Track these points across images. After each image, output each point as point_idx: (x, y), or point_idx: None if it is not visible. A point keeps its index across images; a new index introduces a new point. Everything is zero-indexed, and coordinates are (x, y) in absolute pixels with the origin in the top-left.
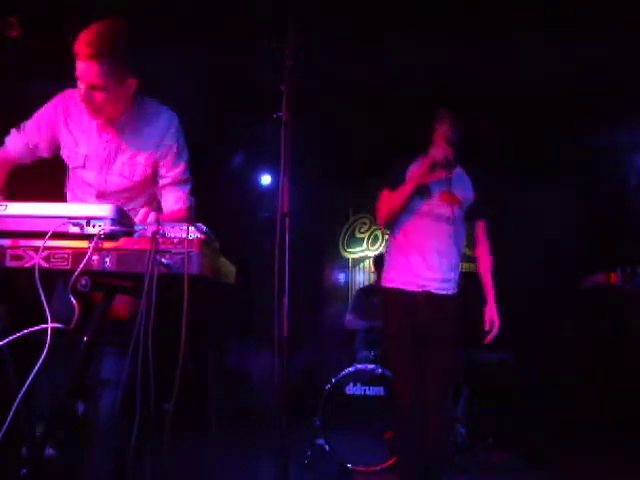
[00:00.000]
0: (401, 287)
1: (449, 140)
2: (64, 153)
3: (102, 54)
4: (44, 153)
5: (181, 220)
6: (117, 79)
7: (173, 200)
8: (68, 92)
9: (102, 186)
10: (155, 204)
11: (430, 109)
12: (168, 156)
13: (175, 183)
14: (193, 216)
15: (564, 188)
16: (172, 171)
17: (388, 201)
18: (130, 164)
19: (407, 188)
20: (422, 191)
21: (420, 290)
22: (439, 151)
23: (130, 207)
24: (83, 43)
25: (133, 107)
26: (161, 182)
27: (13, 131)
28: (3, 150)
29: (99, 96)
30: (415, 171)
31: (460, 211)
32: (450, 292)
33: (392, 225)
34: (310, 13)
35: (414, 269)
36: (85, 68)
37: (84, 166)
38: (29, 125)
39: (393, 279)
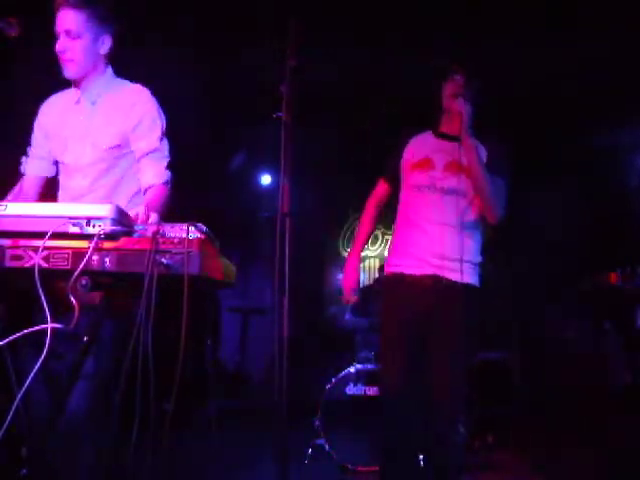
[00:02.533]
0: (402, 271)
1: (465, 96)
2: (51, 144)
3: (81, 3)
4: (55, 152)
5: (163, 196)
6: (93, 30)
7: (151, 174)
8: (50, 98)
9: (77, 161)
10: (126, 185)
11: (430, 109)
12: (140, 126)
13: (152, 152)
14: (170, 190)
15: (566, 188)
16: (148, 141)
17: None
18: (100, 132)
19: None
20: (421, 164)
21: (423, 274)
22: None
23: (101, 184)
24: None
25: (106, 77)
26: (138, 153)
27: (24, 158)
28: (27, 180)
29: (74, 44)
30: None
31: (469, 182)
32: (461, 280)
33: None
34: (312, 13)
35: (416, 248)
36: (63, 16)
37: (66, 148)
38: (33, 144)
39: (393, 263)
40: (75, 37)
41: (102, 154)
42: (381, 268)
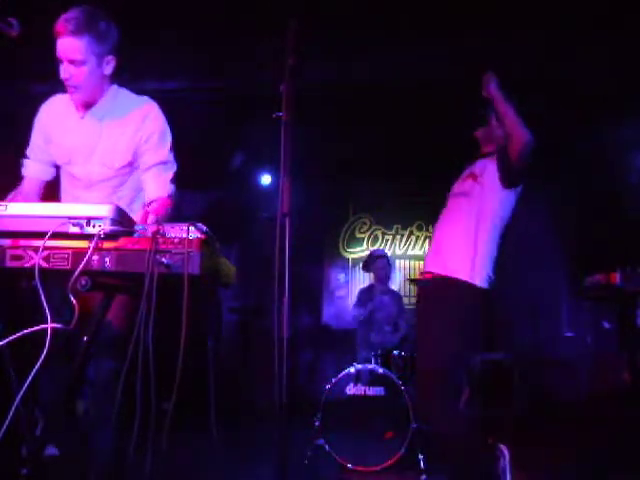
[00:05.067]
0: None
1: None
2: (52, 150)
3: (81, 29)
4: (57, 159)
5: (166, 208)
6: (97, 54)
7: (155, 186)
8: (51, 99)
9: (87, 177)
10: (142, 194)
11: (429, 109)
12: (150, 140)
13: (159, 164)
14: (174, 203)
15: (564, 188)
16: (156, 154)
17: None
18: (110, 152)
19: None
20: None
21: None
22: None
23: (117, 196)
24: (63, 21)
25: (111, 94)
26: (144, 165)
27: (25, 161)
28: (27, 181)
29: (79, 72)
30: None
31: (476, 184)
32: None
33: None
34: (311, 13)
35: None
36: (66, 44)
37: (69, 161)
38: (32, 147)
39: None
40: (79, 65)
41: (114, 172)
42: (365, 266)
